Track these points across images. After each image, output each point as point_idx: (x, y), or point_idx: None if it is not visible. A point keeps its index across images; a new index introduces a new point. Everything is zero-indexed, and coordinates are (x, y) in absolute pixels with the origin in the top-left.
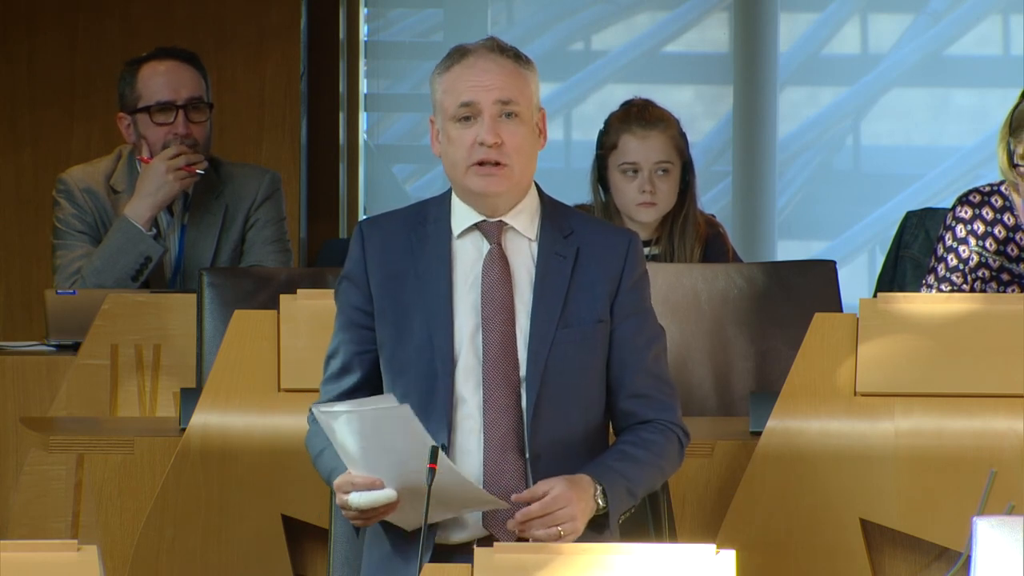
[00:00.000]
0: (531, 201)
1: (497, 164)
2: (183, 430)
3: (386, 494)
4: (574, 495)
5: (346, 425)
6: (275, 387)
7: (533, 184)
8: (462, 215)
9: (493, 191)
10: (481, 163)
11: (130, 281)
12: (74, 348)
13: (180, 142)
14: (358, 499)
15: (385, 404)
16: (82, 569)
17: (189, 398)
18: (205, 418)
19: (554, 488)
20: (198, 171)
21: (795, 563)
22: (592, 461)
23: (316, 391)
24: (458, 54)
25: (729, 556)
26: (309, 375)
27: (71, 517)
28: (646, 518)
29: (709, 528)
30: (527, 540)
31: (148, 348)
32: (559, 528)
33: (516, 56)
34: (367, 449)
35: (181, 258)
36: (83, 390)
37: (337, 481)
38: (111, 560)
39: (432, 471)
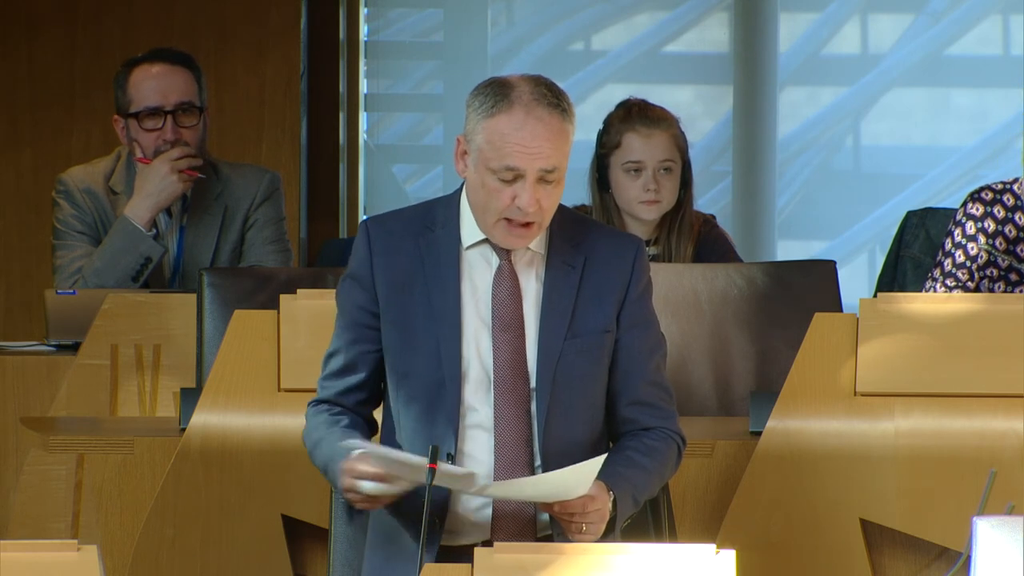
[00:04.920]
0: None
1: (528, 225)
2: (183, 430)
3: (398, 487)
4: (605, 499)
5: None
6: (275, 387)
7: None
8: (472, 227)
9: (518, 247)
10: (511, 219)
11: (130, 281)
12: (74, 348)
13: (172, 147)
14: (371, 486)
15: (415, 460)
16: (82, 569)
17: (189, 398)
18: (205, 418)
19: (595, 490)
20: (199, 175)
21: (795, 563)
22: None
23: (316, 391)
24: (503, 97)
25: (729, 556)
26: (309, 375)
27: (71, 517)
28: (646, 518)
29: (709, 528)
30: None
31: (148, 348)
32: (584, 525)
33: (562, 109)
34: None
35: (180, 259)
36: (83, 390)
37: (346, 465)
38: (111, 560)
39: (432, 471)
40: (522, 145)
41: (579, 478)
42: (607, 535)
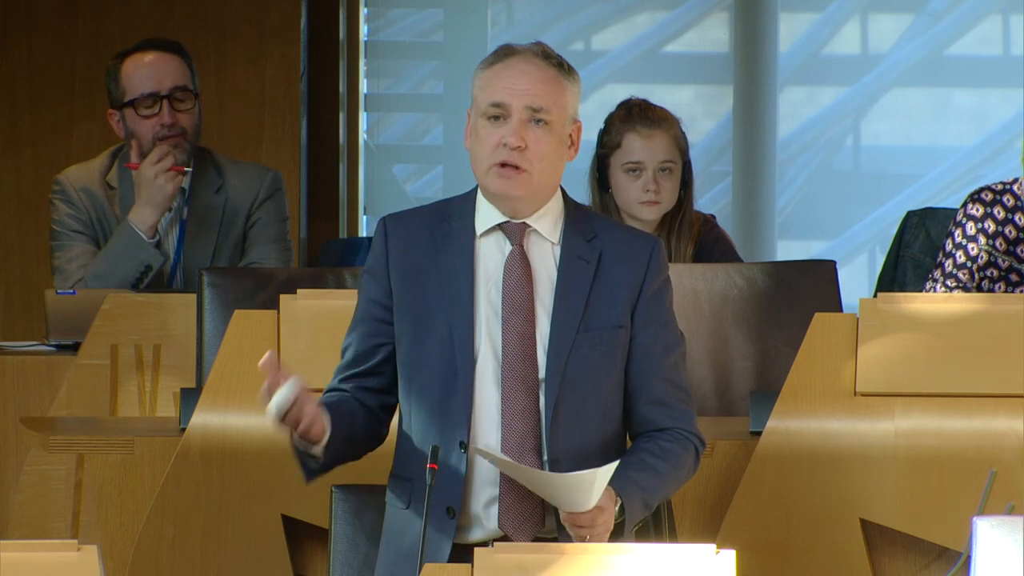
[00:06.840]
0: (555, 205)
1: (517, 168)
2: (183, 430)
3: (288, 386)
4: (612, 508)
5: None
6: None
7: (559, 188)
8: (486, 214)
9: (510, 194)
10: (503, 164)
11: (130, 288)
12: (74, 348)
13: (168, 132)
14: (274, 403)
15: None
16: (82, 569)
17: (189, 398)
18: (205, 418)
19: (603, 501)
20: (187, 169)
21: (795, 563)
22: None
23: (315, 391)
24: (504, 53)
25: (729, 556)
26: (309, 375)
27: (71, 517)
28: (646, 518)
29: (709, 528)
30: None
31: (148, 348)
32: (587, 532)
33: (559, 65)
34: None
35: (180, 255)
36: (83, 390)
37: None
38: (111, 560)
39: (432, 471)
40: (510, 80)
41: (590, 487)
42: (617, 539)
